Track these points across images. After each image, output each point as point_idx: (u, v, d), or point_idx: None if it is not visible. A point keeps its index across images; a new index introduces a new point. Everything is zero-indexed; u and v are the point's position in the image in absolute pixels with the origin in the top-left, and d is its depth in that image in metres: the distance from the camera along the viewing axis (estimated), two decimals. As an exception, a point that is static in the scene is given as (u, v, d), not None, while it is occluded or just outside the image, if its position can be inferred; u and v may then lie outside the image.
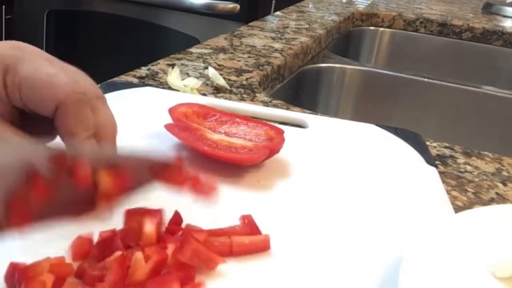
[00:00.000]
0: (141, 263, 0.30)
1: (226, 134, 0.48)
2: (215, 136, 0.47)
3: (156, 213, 0.33)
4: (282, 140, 0.47)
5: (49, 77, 0.34)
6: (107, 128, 0.36)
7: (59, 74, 0.35)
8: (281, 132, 0.49)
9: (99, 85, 0.60)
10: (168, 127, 0.46)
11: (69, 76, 0.35)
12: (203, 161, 0.45)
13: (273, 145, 0.46)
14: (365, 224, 0.40)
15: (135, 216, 0.33)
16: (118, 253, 0.30)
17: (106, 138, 0.36)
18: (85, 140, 0.34)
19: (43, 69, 0.34)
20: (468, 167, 0.55)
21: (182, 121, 0.48)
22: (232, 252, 0.34)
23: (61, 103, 0.34)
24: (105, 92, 0.57)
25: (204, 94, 0.65)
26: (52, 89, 0.34)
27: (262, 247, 0.35)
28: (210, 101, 0.59)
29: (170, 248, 0.31)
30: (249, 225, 0.36)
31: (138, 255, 0.30)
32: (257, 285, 0.32)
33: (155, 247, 0.31)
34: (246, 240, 0.35)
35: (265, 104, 0.65)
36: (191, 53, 0.81)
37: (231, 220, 0.37)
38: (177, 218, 0.35)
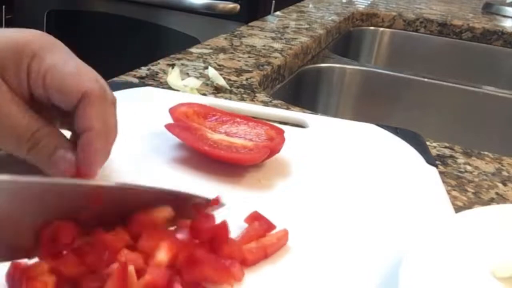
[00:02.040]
0: (132, 279, 0.29)
1: (227, 134, 0.48)
2: (216, 136, 0.47)
3: (175, 240, 0.31)
4: (283, 140, 0.47)
5: (76, 69, 0.35)
6: (110, 136, 0.36)
7: (85, 68, 0.35)
8: (281, 132, 0.49)
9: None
10: (168, 127, 0.46)
11: (93, 73, 0.36)
12: (204, 161, 0.45)
13: (274, 145, 0.46)
14: (365, 224, 0.40)
15: (155, 236, 0.31)
16: (116, 265, 0.29)
17: (106, 134, 0.36)
18: (99, 134, 0.35)
19: (69, 61, 0.35)
20: (468, 167, 0.55)
21: (182, 121, 0.48)
22: (266, 255, 0.34)
23: (85, 95, 0.35)
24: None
25: (204, 94, 0.65)
26: (79, 80, 0.35)
27: (285, 242, 0.36)
28: (210, 101, 0.59)
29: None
30: (265, 223, 0.36)
31: (130, 268, 0.29)
32: (259, 284, 0.32)
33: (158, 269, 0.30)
34: (274, 238, 0.35)
35: (265, 104, 0.65)
36: (191, 53, 0.81)
37: (232, 220, 0.37)
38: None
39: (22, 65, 0.34)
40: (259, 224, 0.36)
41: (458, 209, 0.46)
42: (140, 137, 0.49)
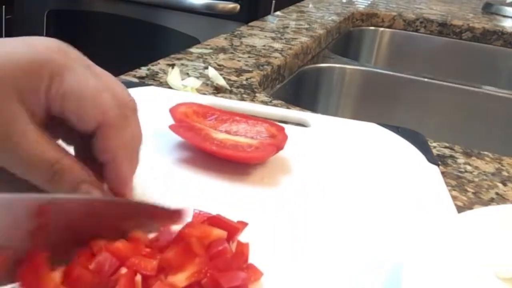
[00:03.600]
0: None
1: (227, 132, 0.48)
2: (221, 136, 0.47)
3: (201, 267, 0.30)
4: (285, 136, 0.48)
5: (94, 94, 0.34)
6: (134, 144, 0.36)
7: (103, 91, 0.34)
8: (282, 129, 0.49)
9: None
10: (173, 128, 0.46)
11: (110, 91, 0.35)
12: (206, 160, 0.45)
13: (278, 142, 0.47)
14: (368, 223, 0.40)
15: (184, 254, 0.30)
16: (124, 270, 0.29)
17: (132, 152, 0.36)
18: (124, 161, 0.35)
19: (89, 83, 0.34)
20: (468, 167, 0.55)
21: (185, 121, 0.48)
22: None
23: (103, 123, 0.34)
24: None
25: (204, 94, 0.65)
26: (97, 108, 0.33)
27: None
28: (211, 100, 0.59)
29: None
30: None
31: (137, 278, 0.28)
32: (259, 284, 0.32)
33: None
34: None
35: (265, 104, 0.65)
36: (191, 53, 0.81)
37: (235, 219, 0.37)
38: None
39: (41, 87, 0.33)
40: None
41: (458, 209, 0.46)
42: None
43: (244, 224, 0.34)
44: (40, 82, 0.33)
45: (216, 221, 0.33)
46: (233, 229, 0.33)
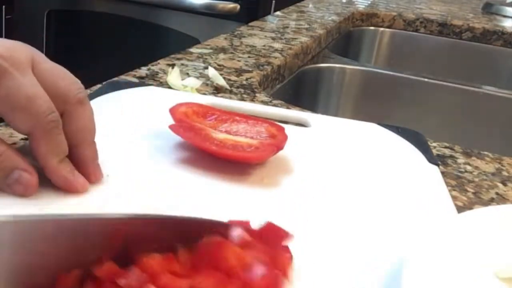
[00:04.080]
0: None
1: (228, 132, 0.48)
2: (221, 135, 0.47)
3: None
4: (285, 136, 0.48)
5: (26, 102, 0.35)
6: (84, 133, 0.38)
7: (37, 97, 0.35)
8: (282, 129, 0.49)
9: (101, 84, 0.60)
10: (173, 128, 0.46)
11: (52, 91, 0.36)
12: (206, 160, 0.45)
13: (278, 142, 0.47)
14: (368, 223, 0.40)
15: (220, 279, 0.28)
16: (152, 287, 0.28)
17: (83, 142, 0.38)
18: (58, 165, 0.36)
19: (22, 89, 0.35)
20: (468, 167, 0.55)
21: (185, 121, 0.48)
22: None
23: (34, 130, 0.35)
24: (107, 92, 0.57)
25: (204, 94, 0.65)
26: (27, 115, 0.35)
27: None
28: (211, 100, 0.59)
29: None
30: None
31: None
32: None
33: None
34: None
35: (265, 104, 0.65)
36: (191, 53, 0.81)
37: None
38: None
39: None
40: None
41: (458, 209, 0.46)
42: (141, 138, 0.49)
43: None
44: None
45: (268, 228, 0.33)
46: (285, 235, 0.33)
